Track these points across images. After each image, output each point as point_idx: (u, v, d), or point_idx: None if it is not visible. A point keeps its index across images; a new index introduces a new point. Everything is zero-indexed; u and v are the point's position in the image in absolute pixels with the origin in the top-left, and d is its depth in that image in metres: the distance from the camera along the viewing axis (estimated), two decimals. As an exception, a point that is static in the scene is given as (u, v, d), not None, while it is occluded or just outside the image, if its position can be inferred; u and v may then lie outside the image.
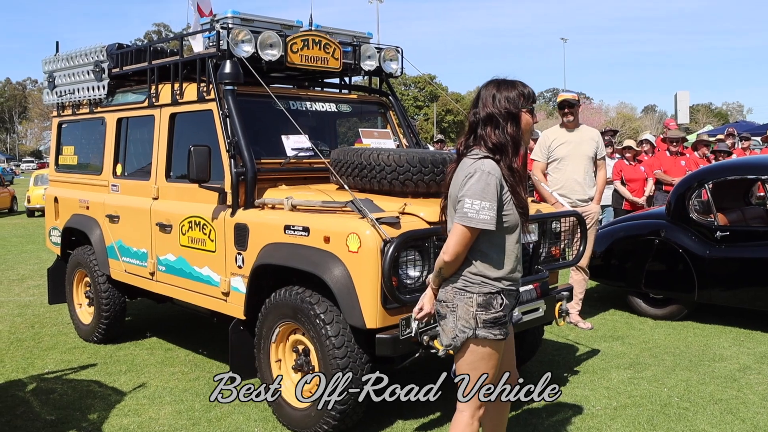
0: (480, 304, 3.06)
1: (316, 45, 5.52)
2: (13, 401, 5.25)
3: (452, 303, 3.12)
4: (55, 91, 7.12)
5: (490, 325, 3.07)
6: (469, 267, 3.11)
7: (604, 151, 7.25)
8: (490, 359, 3.13)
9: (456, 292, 3.09)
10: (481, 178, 2.96)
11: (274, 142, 5.34)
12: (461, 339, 3.10)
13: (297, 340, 4.58)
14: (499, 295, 3.10)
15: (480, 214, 2.93)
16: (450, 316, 3.11)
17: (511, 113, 3.06)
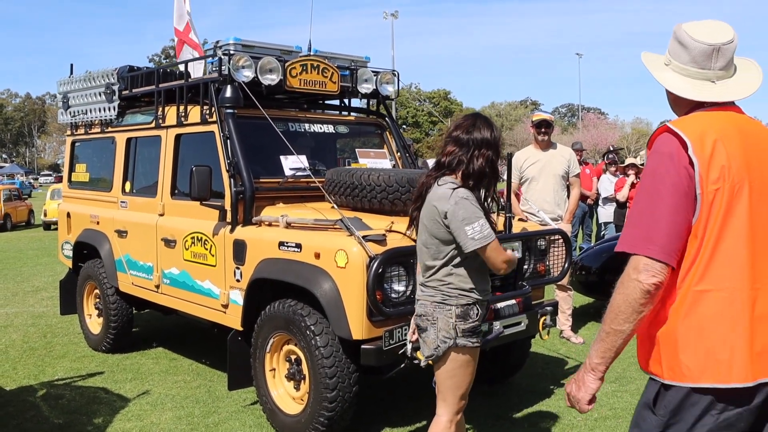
0: (459, 315, 3.37)
1: (315, 69, 5.81)
2: (24, 405, 5.53)
3: (432, 316, 3.40)
4: (69, 111, 7.45)
5: (468, 333, 3.38)
6: (446, 282, 3.40)
7: (577, 169, 7.39)
8: (468, 366, 3.43)
9: (435, 305, 3.39)
10: (464, 205, 3.31)
11: (273, 162, 5.62)
12: (443, 348, 3.39)
13: (290, 350, 4.83)
14: (475, 306, 3.41)
15: (482, 231, 3.29)
16: (431, 328, 3.40)
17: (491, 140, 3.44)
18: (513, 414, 5.27)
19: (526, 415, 5.24)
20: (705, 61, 2.25)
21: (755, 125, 2.30)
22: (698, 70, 2.27)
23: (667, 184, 2.12)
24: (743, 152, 2.15)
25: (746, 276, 2.10)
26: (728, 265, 2.10)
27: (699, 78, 2.27)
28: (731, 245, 2.10)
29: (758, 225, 2.13)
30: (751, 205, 2.12)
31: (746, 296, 2.10)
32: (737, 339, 2.08)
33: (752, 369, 2.06)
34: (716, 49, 2.24)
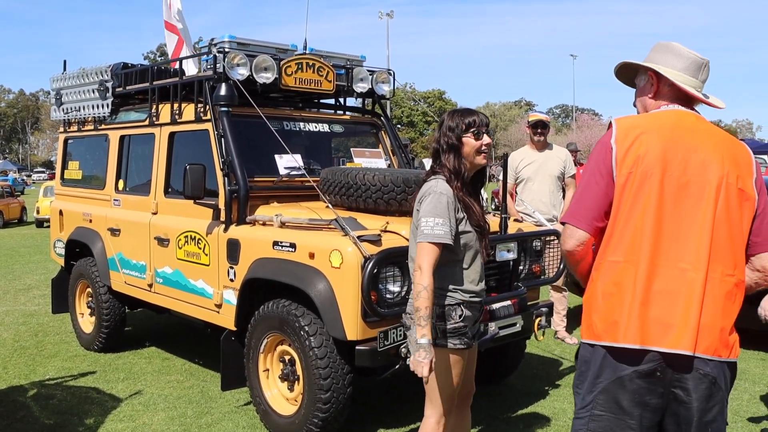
0: (439, 315, 3.27)
1: (310, 68, 5.77)
2: (14, 406, 5.48)
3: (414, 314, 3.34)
4: (62, 108, 7.39)
5: (449, 334, 3.28)
6: None
7: (573, 170, 7.36)
8: (453, 368, 3.34)
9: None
10: (433, 199, 3.22)
11: (268, 161, 5.58)
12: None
13: (284, 351, 4.80)
14: (459, 307, 3.30)
15: (435, 229, 3.17)
16: (413, 326, 3.32)
17: (452, 144, 3.33)
18: (508, 415, 5.25)
19: (522, 416, 5.22)
20: (696, 71, 2.61)
21: (702, 128, 2.54)
22: (690, 77, 2.60)
23: (594, 167, 2.52)
24: (667, 146, 2.44)
25: (649, 252, 2.39)
26: (635, 241, 2.41)
27: (690, 84, 2.59)
28: (639, 224, 2.41)
29: (666, 209, 2.41)
30: (662, 192, 2.41)
31: (646, 270, 2.39)
32: (633, 306, 2.38)
33: (641, 335, 2.37)
34: (704, 64, 2.62)
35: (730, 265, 2.41)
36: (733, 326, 2.43)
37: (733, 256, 2.42)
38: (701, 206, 2.40)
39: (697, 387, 2.38)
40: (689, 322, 2.35)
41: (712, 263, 2.38)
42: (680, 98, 2.59)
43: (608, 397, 2.44)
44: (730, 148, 2.48)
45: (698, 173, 2.42)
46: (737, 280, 2.43)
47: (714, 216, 2.39)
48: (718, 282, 2.39)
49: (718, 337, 2.37)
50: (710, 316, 2.37)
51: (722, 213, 2.40)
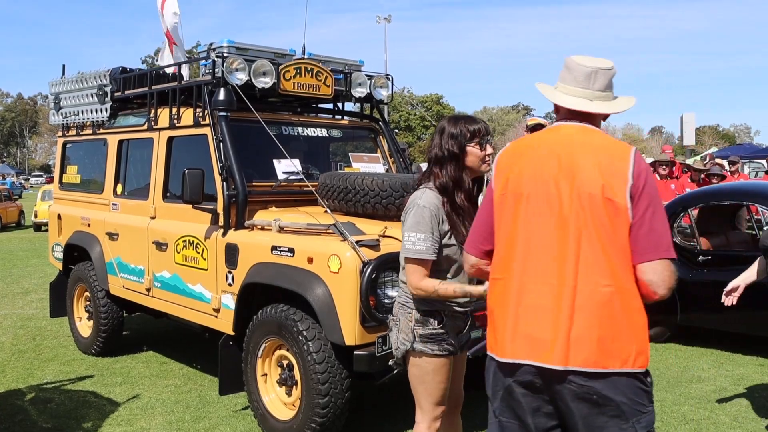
0: (417, 319, 3.25)
1: (308, 73, 5.78)
2: (12, 409, 5.48)
3: (396, 317, 3.35)
4: (60, 113, 7.40)
5: (426, 340, 3.25)
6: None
7: None
8: (435, 374, 3.30)
9: (400, 307, 3.32)
10: (417, 213, 3.20)
11: (266, 166, 5.58)
12: (401, 351, 3.30)
13: (282, 356, 4.80)
14: (438, 314, 3.27)
15: (416, 245, 3.16)
16: (395, 329, 3.33)
17: (453, 153, 3.27)
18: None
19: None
20: (585, 81, 2.57)
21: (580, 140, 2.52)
22: (579, 89, 2.57)
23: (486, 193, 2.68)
24: (537, 164, 2.51)
25: (519, 269, 2.47)
26: (508, 259, 2.52)
27: (580, 96, 2.57)
28: (511, 242, 2.51)
29: (534, 226, 2.46)
30: (530, 210, 2.48)
31: (517, 286, 2.47)
32: (508, 321, 2.47)
33: (512, 349, 2.44)
34: (593, 72, 2.56)
35: (605, 275, 2.36)
36: (629, 337, 2.36)
37: (608, 266, 2.36)
38: (568, 220, 2.40)
39: (574, 401, 2.38)
40: (558, 335, 2.36)
41: (581, 275, 2.37)
42: (573, 112, 2.58)
43: (505, 404, 2.53)
44: (603, 158, 2.42)
45: (565, 189, 2.43)
46: (615, 290, 2.36)
47: (579, 229, 2.39)
48: (589, 293, 2.36)
49: (596, 348, 2.33)
50: (583, 328, 2.35)
51: (590, 225, 2.37)
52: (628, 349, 2.36)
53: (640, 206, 2.36)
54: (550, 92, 2.63)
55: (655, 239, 2.36)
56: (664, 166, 10.59)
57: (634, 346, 2.37)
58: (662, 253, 2.36)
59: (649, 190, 2.38)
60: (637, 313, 2.40)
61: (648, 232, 2.36)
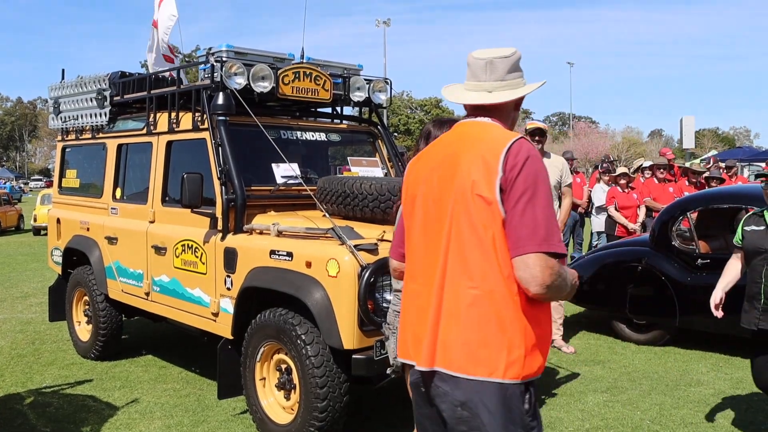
0: None
1: (307, 77, 5.79)
2: (11, 414, 5.48)
3: (393, 325, 3.38)
4: (59, 117, 7.41)
5: None
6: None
7: (569, 179, 7.37)
8: None
9: (396, 314, 3.35)
10: None
11: (265, 170, 5.59)
12: (400, 360, 3.31)
13: (280, 360, 4.80)
14: None
15: None
16: (392, 337, 3.36)
17: None
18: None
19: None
20: (481, 73, 2.47)
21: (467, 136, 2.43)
22: (475, 82, 2.48)
23: None
24: (428, 166, 2.47)
25: (415, 271, 2.44)
26: (409, 262, 2.50)
27: (478, 90, 2.47)
28: (410, 246, 2.50)
29: (424, 229, 2.43)
30: (420, 213, 2.44)
31: (413, 288, 2.44)
32: (405, 322, 2.45)
33: (403, 349, 2.44)
34: (489, 62, 2.45)
35: (472, 276, 2.23)
36: (499, 344, 2.20)
37: (477, 267, 2.23)
38: (445, 221, 2.32)
39: (443, 403, 2.28)
40: (427, 337, 2.29)
41: (447, 277, 2.28)
42: (476, 108, 2.49)
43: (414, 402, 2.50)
44: (480, 153, 2.29)
45: (446, 187, 2.35)
46: (482, 292, 2.21)
47: (451, 229, 2.29)
48: (454, 295, 2.25)
49: (461, 352, 2.22)
50: (449, 331, 2.24)
51: (462, 223, 2.27)
52: (498, 357, 2.19)
53: (511, 198, 2.20)
54: (448, 93, 2.58)
55: (526, 231, 2.17)
56: (662, 170, 10.60)
57: (505, 354, 2.19)
58: (533, 246, 2.16)
59: (524, 180, 2.20)
60: (512, 320, 2.21)
61: (518, 225, 2.18)
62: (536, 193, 2.19)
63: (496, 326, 2.20)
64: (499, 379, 2.18)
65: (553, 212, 2.22)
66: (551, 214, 2.21)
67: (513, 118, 2.53)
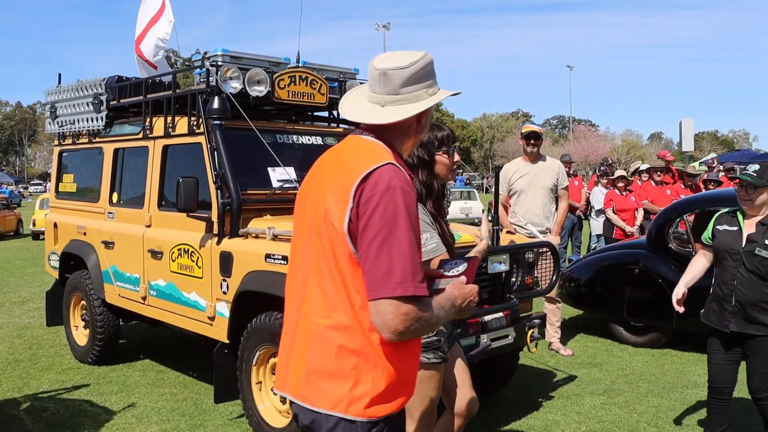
0: None
1: (303, 81, 5.80)
2: (7, 419, 5.48)
3: None
4: (56, 121, 7.41)
5: (424, 349, 3.27)
6: None
7: (566, 182, 7.37)
8: (429, 382, 3.34)
9: None
10: None
11: (261, 174, 5.59)
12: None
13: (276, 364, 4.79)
14: None
15: (427, 245, 3.20)
16: None
17: (424, 160, 3.36)
18: (501, 427, 5.25)
19: (515, 428, 5.22)
20: (375, 85, 2.24)
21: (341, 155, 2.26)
22: (372, 94, 2.25)
23: None
24: (306, 183, 2.33)
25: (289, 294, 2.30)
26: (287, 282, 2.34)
27: (372, 102, 2.25)
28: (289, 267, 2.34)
29: (293, 251, 2.30)
30: (293, 233, 2.33)
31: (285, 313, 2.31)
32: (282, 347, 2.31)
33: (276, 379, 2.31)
34: (381, 74, 2.21)
35: (322, 306, 2.13)
36: (342, 378, 2.09)
37: (330, 296, 2.12)
38: (308, 245, 2.20)
39: (302, 424, 2.22)
40: (284, 361, 2.24)
41: (305, 303, 2.18)
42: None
43: None
44: (340, 176, 2.13)
45: (310, 209, 2.22)
46: (330, 325, 2.11)
47: (310, 254, 2.18)
48: (306, 324, 2.17)
49: (303, 380, 2.15)
50: (298, 359, 2.17)
51: (318, 249, 2.15)
52: (341, 391, 2.08)
53: (366, 236, 2.02)
54: (347, 101, 2.38)
55: (379, 274, 2.00)
56: (659, 173, 10.61)
57: (347, 389, 2.08)
58: (386, 291, 1.98)
59: (381, 216, 2.01)
60: (362, 354, 2.09)
61: (372, 267, 2.01)
62: (394, 231, 2.00)
63: (343, 359, 2.09)
64: (341, 414, 2.08)
65: (414, 250, 2.04)
66: (411, 252, 2.02)
67: (415, 133, 2.31)
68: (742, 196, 4.38)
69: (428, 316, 2.07)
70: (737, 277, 4.33)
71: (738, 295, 4.31)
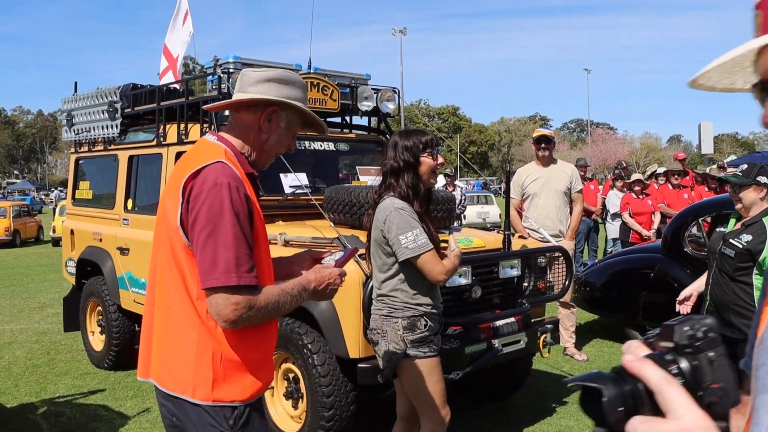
0: (405, 326, 3.41)
1: (315, 87, 5.83)
2: (24, 423, 5.54)
3: (382, 329, 3.46)
4: (73, 129, 7.49)
5: (417, 344, 3.41)
6: (393, 296, 3.47)
7: (579, 185, 7.35)
8: (430, 375, 3.44)
9: (383, 318, 3.44)
10: (397, 216, 3.37)
11: (273, 180, 5.62)
12: (395, 360, 3.42)
13: (288, 369, 4.83)
14: (422, 318, 3.44)
15: (417, 240, 3.32)
16: (382, 341, 3.46)
17: (409, 163, 3.46)
18: (513, 433, 5.24)
19: (526, 434, 5.20)
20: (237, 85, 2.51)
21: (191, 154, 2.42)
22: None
23: None
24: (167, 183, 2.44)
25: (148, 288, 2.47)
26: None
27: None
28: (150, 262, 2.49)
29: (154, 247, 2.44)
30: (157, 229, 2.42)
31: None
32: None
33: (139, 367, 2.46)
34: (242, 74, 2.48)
35: (166, 296, 2.31)
36: (185, 365, 2.26)
37: (171, 287, 2.29)
38: (157, 243, 2.40)
39: (162, 409, 2.40)
40: (144, 350, 2.42)
41: (158, 296, 2.36)
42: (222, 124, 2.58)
43: None
44: (179, 174, 2.31)
45: (160, 208, 2.41)
46: (171, 312, 2.30)
47: (157, 252, 2.38)
48: (158, 315, 2.36)
49: (161, 367, 2.32)
50: (155, 347, 2.36)
51: (163, 247, 2.34)
52: (186, 377, 2.26)
53: (195, 230, 2.20)
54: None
55: (206, 266, 2.16)
56: (676, 176, 10.54)
57: (192, 376, 2.25)
58: (213, 281, 2.15)
59: (207, 211, 2.18)
60: (201, 342, 2.25)
61: (201, 259, 2.18)
62: (219, 226, 2.16)
63: (186, 347, 2.26)
64: (189, 398, 2.25)
65: (239, 243, 2.17)
66: (235, 245, 2.16)
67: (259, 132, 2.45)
68: (732, 196, 4.40)
69: (263, 303, 2.20)
70: (713, 278, 4.39)
71: (712, 295, 4.38)
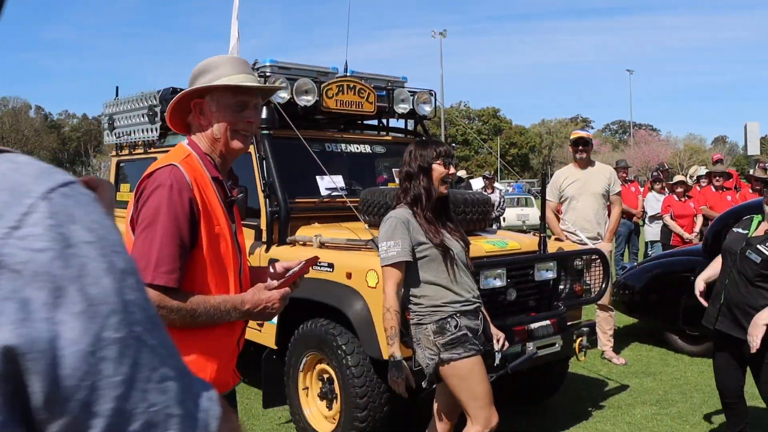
0: (435, 331, 3.43)
1: (351, 90, 5.86)
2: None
3: (416, 338, 3.51)
4: (114, 132, 7.63)
5: (450, 346, 3.41)
6: (416, 303, 3.51)
7: (618, 188, 7.24)
8: (470, 375, 3.43)
9: (415, 327, 3.49)
10: (386, 224, 3.51)
11: (309, 182, 5.67)
12: (432, 366, 3.45)
13: (322, 369, 4.86)
14: (451, 318, 3.44)
15: (388, 252, 3.42)
16: (418, 349, 3.49)
17: (423, 167, 3.55)
18: (549, 436, 5.20)
19: (562, 438, 5.17)
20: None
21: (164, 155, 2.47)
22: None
23: None
24: None
25: None
26: None
27: None
28: None
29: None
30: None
31: None
32: None
33: None
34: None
35: None
36: None
37: None
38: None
39: None
40: None
41: None
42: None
43: None
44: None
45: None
46: None
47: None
48: None
49: None
50: None
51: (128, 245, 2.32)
52: None
53: (137, 228, 2.26)
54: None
55: (140, 265, 2.15)
56: (718, 177, 10.37)
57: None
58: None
59: (146, 209, 2.24)
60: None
61: (135, 256, 2.16)
62: (152, 224, 2.20)
63: None
64: None
65: (167, 243, 2.18)
66: (160, 245, 2.18)
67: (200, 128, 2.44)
68: (764, 198, 4.32)
69: (177, 307, 2.18)
70: (729, 277, 4.32)
71: (726, 294, 4.31)
